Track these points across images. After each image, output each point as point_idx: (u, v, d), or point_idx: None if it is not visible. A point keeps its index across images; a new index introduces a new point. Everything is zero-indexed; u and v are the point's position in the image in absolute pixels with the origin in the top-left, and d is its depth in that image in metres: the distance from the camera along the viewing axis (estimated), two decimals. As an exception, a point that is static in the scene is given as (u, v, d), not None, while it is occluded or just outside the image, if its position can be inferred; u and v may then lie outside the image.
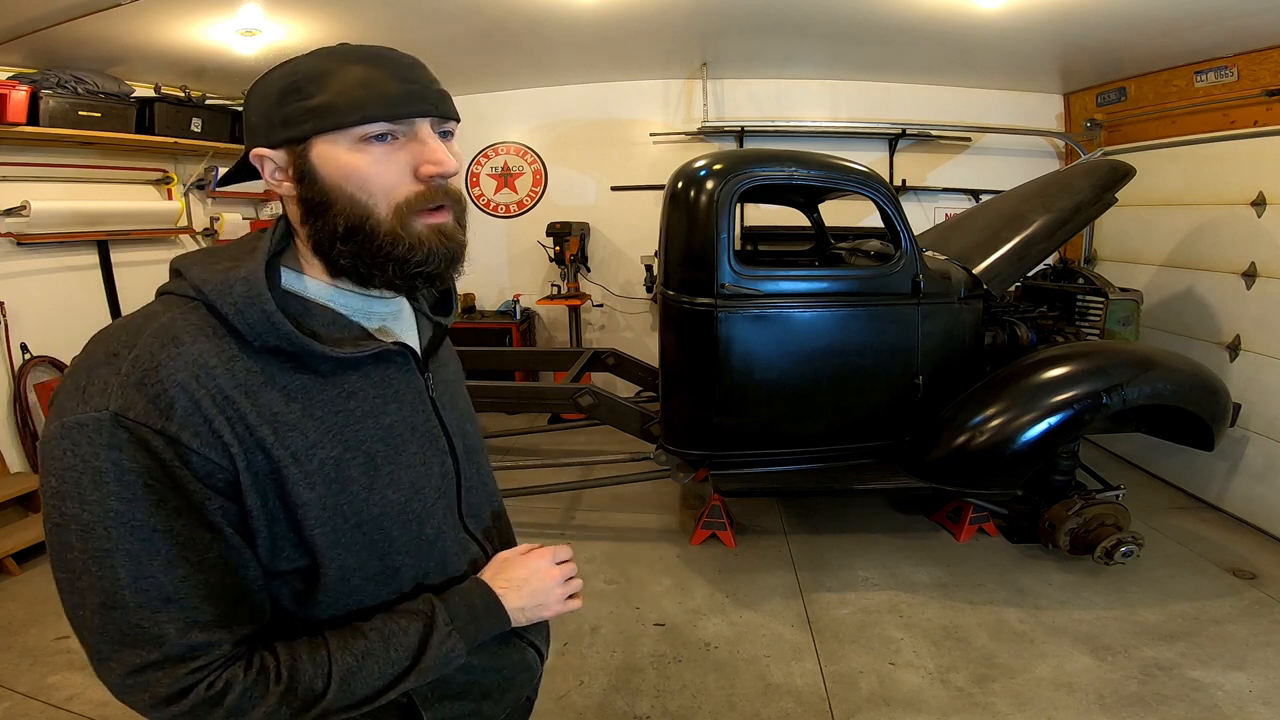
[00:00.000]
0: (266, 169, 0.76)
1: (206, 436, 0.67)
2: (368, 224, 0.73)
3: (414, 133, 0.74)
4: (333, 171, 0.72)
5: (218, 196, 4.75)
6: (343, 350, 0.75)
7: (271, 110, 0.73)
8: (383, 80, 0.72)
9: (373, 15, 3.66)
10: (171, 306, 0.72)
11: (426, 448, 0.85)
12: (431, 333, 0.93)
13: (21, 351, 3.61)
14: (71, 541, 0.65)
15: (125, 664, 0.66)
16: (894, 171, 5.25)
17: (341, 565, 0.76)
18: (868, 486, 3.17)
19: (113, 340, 0.69)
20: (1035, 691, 2.39)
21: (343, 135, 0.71)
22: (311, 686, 0.71)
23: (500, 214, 5.64)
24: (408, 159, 0.73)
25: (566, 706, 2.38)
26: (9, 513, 3.40)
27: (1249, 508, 3.56)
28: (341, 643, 0.75)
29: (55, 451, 0.65)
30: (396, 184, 0.73)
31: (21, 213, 3.47)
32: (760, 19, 3.97)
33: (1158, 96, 4.32)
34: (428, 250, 0.75)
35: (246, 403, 0.69)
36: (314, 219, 0.74)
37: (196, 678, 0.67)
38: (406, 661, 0.77)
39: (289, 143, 0.73)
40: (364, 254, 0.74)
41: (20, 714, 2.32)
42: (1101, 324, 3.56)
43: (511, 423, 5.01)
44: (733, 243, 3.07)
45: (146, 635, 0.66)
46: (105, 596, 0.65)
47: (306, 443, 0.72)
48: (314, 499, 0.73)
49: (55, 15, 3.07)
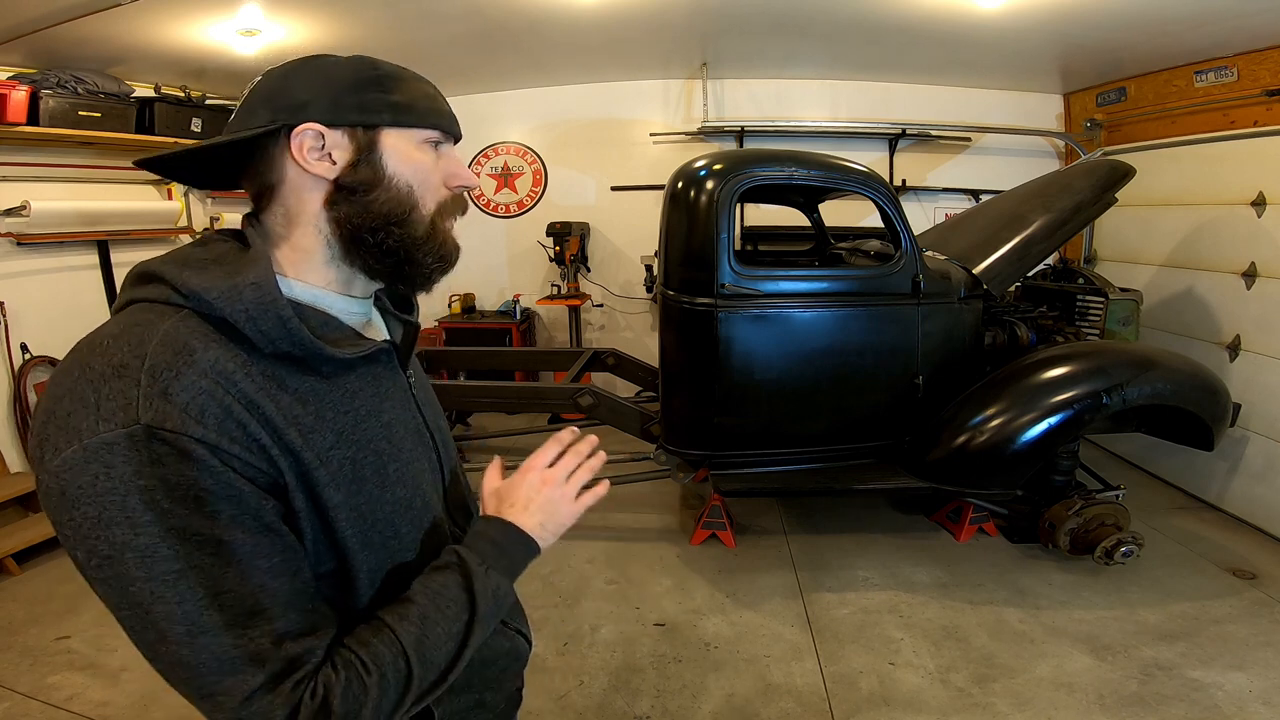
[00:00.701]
0: (307, 144, 0.74)
1: (244, 441, 0.65)
2: (413, 215, 0.79)
3: (449, 148, 0.84)
4: (399, 161, 0.78)
5: (218, 196, 4.75)
6: (345, 351, 0.76)
7: (342, 93, 0.76)
8: (440, 101, 0.83)
9: (373, 15, 3.65)
10: (163, 315, 0.68)
11: (417, 444, 0.87)
12: (403, 332, 0.94)
13: (21, 351, 3.62)
14: (132, 572, 0.61)
15: (234, 695, 0.62)
16: (894, 171, 5.25)
17: (369, 567, 0.77)
18: (868, 486, 3.17)
19: (110, 352, 0.64)
20: (1035, 691, 2.39)
21: (411, 134, 0.79)
22: (396, 668, 0.71)
23: (500, 214, 5.64)
24: (444, 168, 0.83)
25: (566, 706, 2.38)
26: (9, 513, 3.41)
27: (1249, 508, 3.56)
28: (398, 616, 0.74)
29: (84, 479, 0.60)
30: (438, 187, 0.82)
31: (21, 213, 3.48)
32: (760, 19, 3.97)
33: (1158, 96, 4.32)
34: (449, 250, 0.84)
35: (270, 406, 0.68)
36: (351, 204, 0.77)
37: (301, 691, 0.65)
38: (465, 614, 0.77)
39: (355, 126, 0.76)
40: (401, 242, 0.79)
41: (20, 714, 2.32)
42: (1101, 324, 3.55)
43: (511, 423, 5.01)
44: (733, 243, 3.07)
45: (245, 657, 0.63)
46: (189, 623, 0.61)
47: (326, 444, 0.72)
48: (341, 500, 0.73)
49: (55, 15, 3.07)
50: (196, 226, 4.55)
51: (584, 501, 0.92)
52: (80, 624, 2.79)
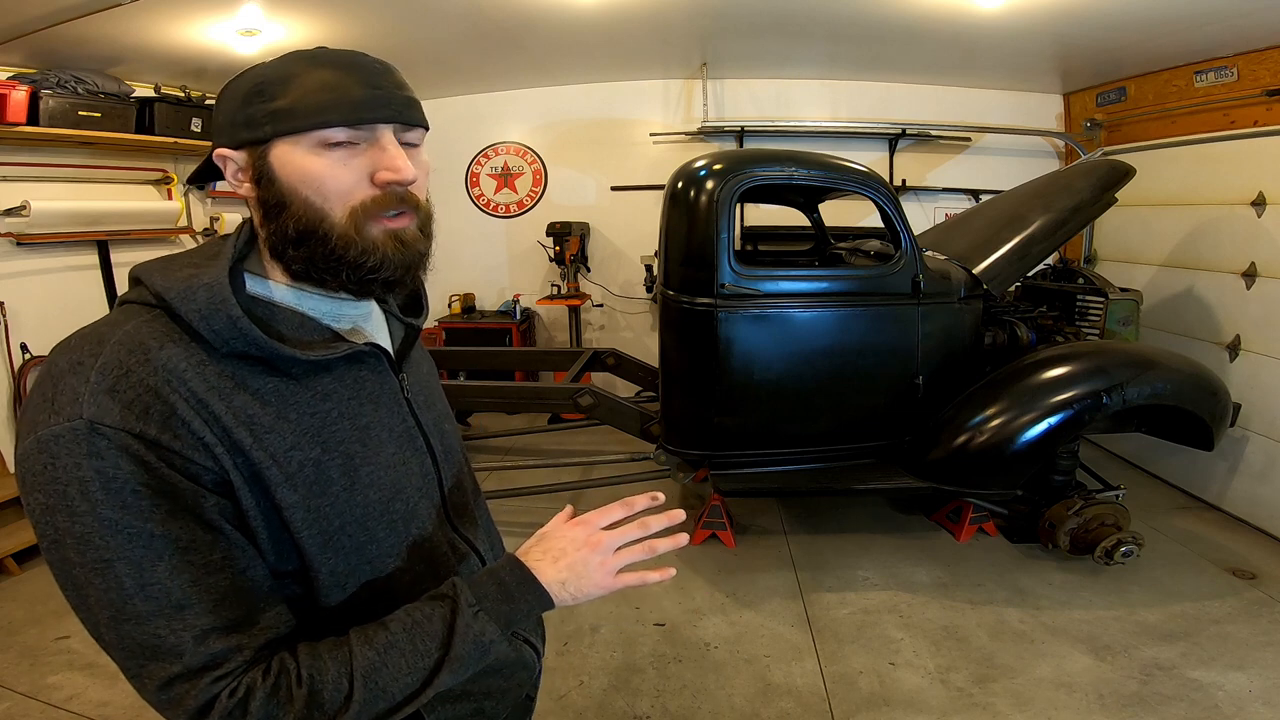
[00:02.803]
0: (229, 170, 0.76)
1: (186, 438, 0.66)
2: (322, 227, 0.73)
3: (375, 139, 0.73)
4: (290, 174, 0.72)
5: (217, 197, 4.75)
6: (313, 353, 0.75)
7: (235, 111, 0.73)
8: (347, 85, 0.71)
9: (373, 15, 3.65)
10: (133, 315, 0.71)
11: (405, 448, 0.85)
12: (403, 334, 0.93)
13: (21, 351, 3.61)
14: (70, 556, 0.64)
15: (154, 678, 0.65)
16: (894, 171, 5.25)
17: (332, 569, 0.76)
18: (868, 486, 3.17)
19: (75, 350, 0.68)
20: (1035, 691, 2.39)
21: (302, 139, 0.71)
22: (337, 687, 0.69)
23: (500, 214, 5.64)
24: (366, 164, 0.73)
25: (566, 706, 2.38)
26: (9, 513, 3.40)
27: (1249, 508, 3.56)
28: (363, 638, 0.72)
29: (35, 467, 0.64)
30: (352, 189, 0.73)
31: (21, 213, 3.47)
32: (760, 19, 3.97)
33: (1158, 96, 4.32)
34: (382, 255, 0.74)
35: (220, 405, 0.68)
36: (271, 221, 0.74)
37: (219, 687, 0.65)
38: (436, 653, 0.73)
39: (250, 144, 0.73)
40: (317, 257, 0.74)
41: (20, 714, 2.32)
42: (1101, 324, 3.55)
43: (511, 423, 5.01)
44: (733, 243, 3.07)
45: (165, 646, 0.64)
46: (115, 609, 0.64)
47: (284, 444, 0.72)
48: (297, 500, 0.72)
49: (55, 15, 3.07)
50: (197, 226, 4.55)
51: (623, 580, 0.82)
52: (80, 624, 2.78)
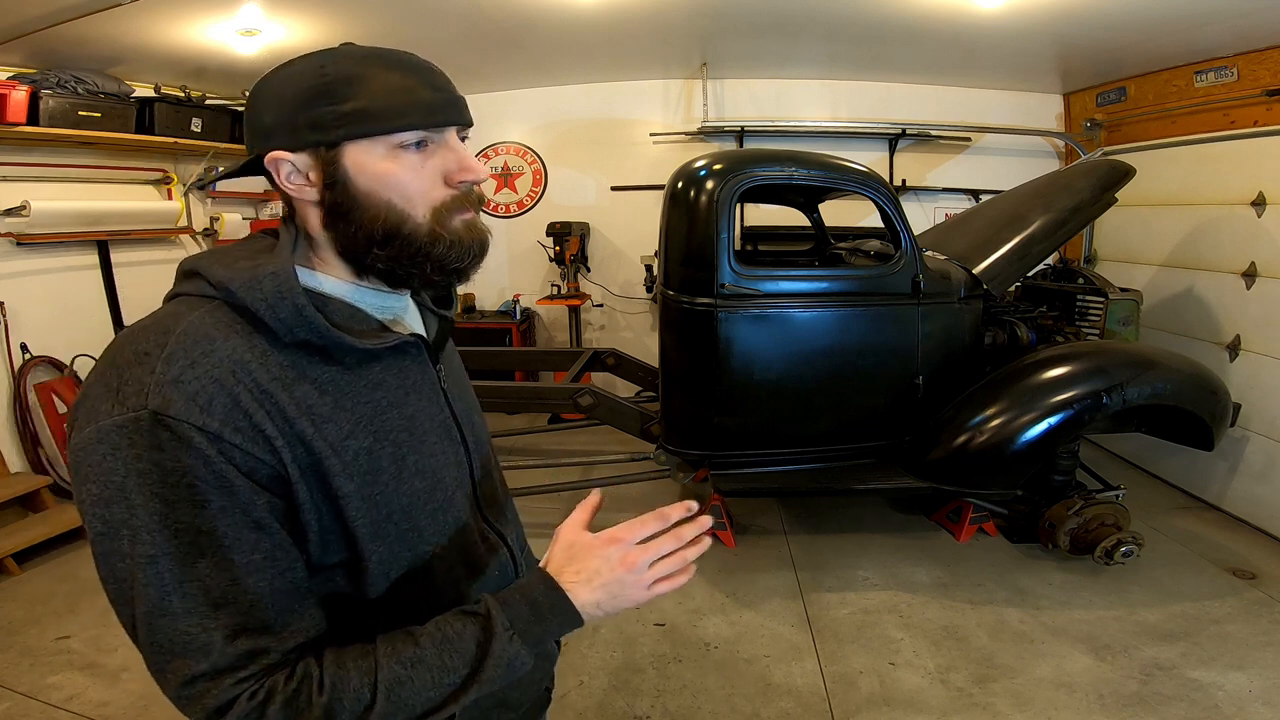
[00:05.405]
0: (283, 172, 0.74)
1: (249, 432, 0.66)
2: (406, 228, 0.75)
3: (443, 140, 0.76)
4: (369, 178, 0.73)
5: (217, 196, 4.76)
6: (369, 342, 0.76)
7: (295, 113, 0.72)
8: (417, 88, 0.74)
9: (373, 15, 3.65)
10: (194, 307, 0.71)
11: (443, 438, 0.86)
12: (438, 326, 0.95)
13: (21, 351, 3.62)
14: (124, 548, 0.64)
15: (178, 675, 0.65)
16: (894, 171, 5.24)
17: (381, 558, 0.76)
18: (868, 486, 3.17)
19: (140, 340, 0.68)
20: (1035, 691, 2.39)
21: (378, 142, 0.72)
22: (359, 697, 0.68)
23: (500, 214, 5.64)
24: (439, 165, 0.76)
25: (566, 706, 2.38)
26: (9, 513, 3.40)
27: (1249, 508, 3.56)
28: (392, 649, 0.72)
29: (94, 457, 0.64)
30: (431, 189, 0.76)
31: (21, 213, 3.48)
32: (759, 19, 3.97)
33: (1158, 96, 4.32)
34: (465, 246, 0.78)
35: (284, 395, 0.69)
36: (343, 224, 0.75)
37: (241, 689, 0.65)
38: (464, 670, 0.73)
39: (315, 146, 0.72)
40: (404, 256, 0.76)
41: (20, 714, 2.32)
42: (1101, 324, 3.55)
43: (511, 423, 5.01)
44: (733, 243, 3.07)
45: (195, 644, 0.65)
46: (153, 604, 0.64)
47: (341, 434, 0.73)
48: (353, 490, 0.73)
49: (55, 15, 3.07)
50: (196, 226, 4.55)
51: (657, 590, 0.82)
52: (80, 624, 2.80)
